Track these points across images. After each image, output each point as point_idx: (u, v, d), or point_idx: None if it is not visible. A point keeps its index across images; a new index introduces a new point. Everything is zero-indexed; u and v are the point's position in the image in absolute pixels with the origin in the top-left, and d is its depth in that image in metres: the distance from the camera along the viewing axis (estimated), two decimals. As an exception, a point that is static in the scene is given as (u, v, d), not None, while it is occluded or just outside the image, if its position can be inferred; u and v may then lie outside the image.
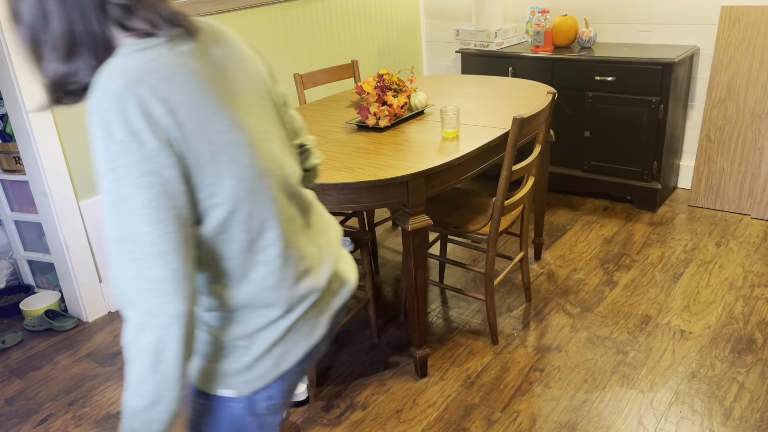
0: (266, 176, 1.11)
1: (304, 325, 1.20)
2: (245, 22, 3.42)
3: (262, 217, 1.11)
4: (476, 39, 3.97)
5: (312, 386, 2.46)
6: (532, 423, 2.18)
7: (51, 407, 2.47)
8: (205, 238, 1.08)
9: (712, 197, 3.64)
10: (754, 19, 3.37)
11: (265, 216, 1.11)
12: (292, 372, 1.21)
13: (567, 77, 3.67)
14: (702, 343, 2.51)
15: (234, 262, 1.11)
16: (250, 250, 1.11)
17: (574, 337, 2.61)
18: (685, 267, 3.05)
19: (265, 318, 1.15)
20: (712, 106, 3.55)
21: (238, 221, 1.08)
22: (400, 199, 2.14)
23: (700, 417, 2.14)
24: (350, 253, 2.38)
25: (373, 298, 2.65)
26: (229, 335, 1.15)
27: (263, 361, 1.16)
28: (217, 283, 1.13)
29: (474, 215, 2.60)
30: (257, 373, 1.16)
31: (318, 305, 1.23)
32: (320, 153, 1.88)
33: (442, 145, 2.33)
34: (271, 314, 1.15)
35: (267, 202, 1.11)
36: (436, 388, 2.39)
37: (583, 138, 3.74)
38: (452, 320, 2.80)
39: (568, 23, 3.73)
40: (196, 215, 1.04)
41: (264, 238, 1.12)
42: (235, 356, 1.15)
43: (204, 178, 1.03)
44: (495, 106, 2.78)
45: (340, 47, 4.04)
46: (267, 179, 1.11)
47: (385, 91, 2.60)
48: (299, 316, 1.19)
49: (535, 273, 3.12)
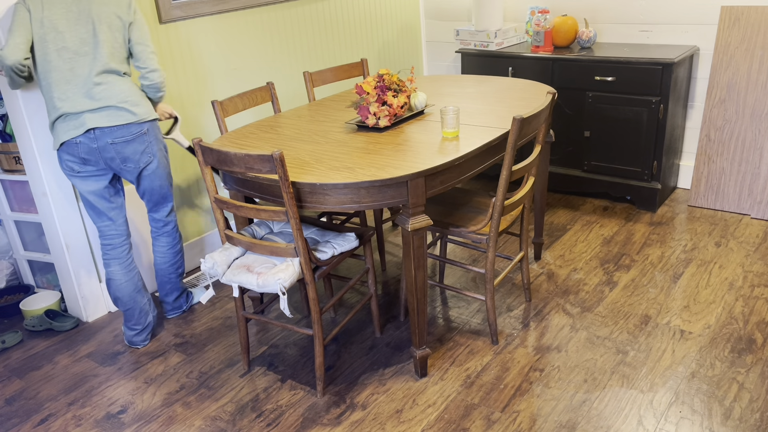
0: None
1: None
2: (245, 22, 3.42)
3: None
4: (476, 39, 3.97)
5: (320, 381, 2.47)
6: (532, 423, 2.19)
7: (51, 407, 2.47)
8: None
9: (712, 197, 3.64)
10: (754, 19, 3.38)
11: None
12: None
13: (567, 77, 3.67)
14: (702, 343, 2.51)
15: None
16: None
17: (574, 337, 2.61)
18: (685, 267, 3.06)
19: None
20: (712, 106, 3.55)
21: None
22: (400, 199, 2.14)
23: (700, 417, 2.15)
24: (354, 248, 2.39)
25: (376, 294, 2.65)
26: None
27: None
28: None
29: (474, 215, 2.60)
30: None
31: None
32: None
33: (442, 145, 2.34)
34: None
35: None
36: (436, 388, 2.39)
37: (583, 138, 3.74)
38: (452, 320, 2.80)
39: (568, 23, 3.73)
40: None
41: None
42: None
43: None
44: (495, 106, 2.78)
45: (340, 47, 4.04)
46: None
47: (385, 91, 2.60)
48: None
49: (535, 273, 3.12)
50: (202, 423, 2.32)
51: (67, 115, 2.41)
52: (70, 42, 2.38)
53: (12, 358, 2.80)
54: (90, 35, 2.40)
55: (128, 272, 2.70)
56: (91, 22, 2.40)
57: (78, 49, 2.39)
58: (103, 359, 2.74)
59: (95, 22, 2.40)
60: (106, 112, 2.42)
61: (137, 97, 2.51)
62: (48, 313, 2.98)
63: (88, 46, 2.40)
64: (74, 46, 2.38)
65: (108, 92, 2.43)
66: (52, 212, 2.83)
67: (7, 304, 3.12)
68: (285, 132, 2.66)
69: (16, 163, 3.02)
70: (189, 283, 3.28)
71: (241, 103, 2.88)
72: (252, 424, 2.29)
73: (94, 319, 3.06)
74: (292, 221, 2.11)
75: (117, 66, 2.46)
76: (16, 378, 2.66)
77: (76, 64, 2.39)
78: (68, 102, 2.39)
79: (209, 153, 2.19)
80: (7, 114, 2.82)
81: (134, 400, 2.47)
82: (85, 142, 2.43)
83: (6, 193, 3.16)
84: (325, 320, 2.89)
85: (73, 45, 2.38)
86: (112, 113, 2.43)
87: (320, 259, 2.28)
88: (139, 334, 2.77)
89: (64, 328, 2.96)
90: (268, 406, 2.37)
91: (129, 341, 2.79)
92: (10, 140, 3.05)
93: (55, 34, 2.36)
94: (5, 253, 3.37)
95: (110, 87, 2.44)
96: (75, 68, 2.39)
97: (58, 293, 3.15)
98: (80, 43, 2.39)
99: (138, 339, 2.78)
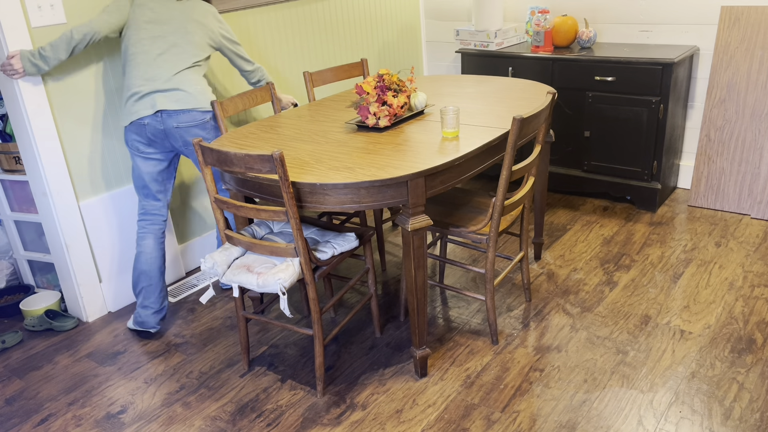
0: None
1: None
2: (244, 22, 3.42)
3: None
4: (476, 39, 3.97)
5: (320, 381, 2.47)
6: (532, 423, 2.19)
7: (51, 407, 2.47)
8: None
9: (712, 197, 3.65)
10: (754, 19, 3.38)
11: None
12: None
13: (567, 77, 3.67)
14: (702, 343, 2.51)
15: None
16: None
17: (574, 337, 2.61)
18: (685, 267, 3.06)
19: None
20: (712, 106, 3.55)
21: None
22: (400, 199, 2.14)
23: (700, 417, 2.15)
24: (354, 248, 2.39)
25: (376, 294, 2.65)
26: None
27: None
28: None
29: (474, 215, 2.60)
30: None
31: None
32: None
33: (442, 145, 2.34)
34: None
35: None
36: (436, 388, 2.39)
37: (583, 138, 3.74)
38: (452, 320, 2.80)
39: (568, 23, 3.73)
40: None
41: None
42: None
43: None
44: (495, 106, 2.78)
45: (340, 47, 4.04)
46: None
47: (385, 91, 2.60)
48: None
49: (535, 273, 3.12)
50: (202, 423, 2.32)
51: (141, 95, 2.63)
52: (167, 33, 2.65)
53: (12, 358, 2.80)
54: (184, 33, 2.67)
55: (159, 249, 2.82)
56: (192, 20, 2.69)
57: (172, 41, 2.65)
58: (103, 359, 2.74)
59: (194, 22, 2.70)
60: (176, 97, 2.63)
61: (204, 87, 2.72)
62: (48, 313, 2.98)
63: (180, 42, 2.66)
64: (169, 38, 2.65)
65: (181, 80, 2.65)
66: (52, 212, 2.83)
67: (7, 304, 3.12)
68: (285, 132, 2.66)
69: (16, 163, 3.02)
70: (189, 283, 3.28)
71: (241, 103, 2.88)
72: (252, 424, 2.29)
73: (94, 319, 3.06)
74: (292, 221, 2.11)
75: (194, 59, 2.70)
76: (16, 378, 2.66)
77: (165, 54, 2.64)
78: (147, 83, 2.62)
79: (209, 153, 2.19)
80: (7, 114, 2.82)
81: (134, 400, 2.47)
82: (153, 124, 2.64)
83: (6, 193, 3.16)
84: (325, 320, 2.90)
85: (168, 37, 2.65)
86: (180, 97, 2.63)
87: (320, 259, 2.28)
88: (155, 314, 2.82)
89: (64, 328, 2.96)
90: (268, 406, 2.37)
91: (140, 322, 2.82)
92: (10, 140, 3.05)
93: (154, 24, 2.64)
94: (5, 253, 3.37)
95: (184, 76, 2.66)
96: (162, 56, 2.63)
97: (58, 293, 3.15)
98: (174, 38, 2.65)
99: (152, 320, 2.82)
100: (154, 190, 2.80)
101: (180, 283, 3.31)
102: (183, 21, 2.69)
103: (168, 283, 3.30)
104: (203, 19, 2.74)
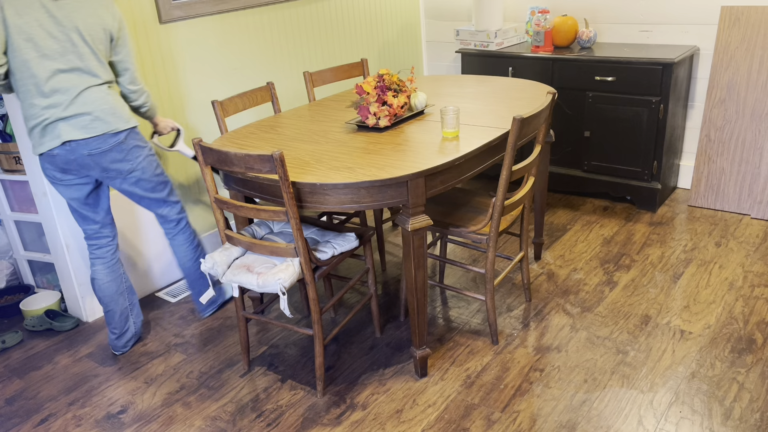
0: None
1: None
2: (245, 22, 3.42)
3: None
4: (476, 39, 3.97)
5: (320, 381, 2.47)
6: (532, 423, 2.19)
7: (51, 407, 2.47)
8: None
9: (712, 197, 3.65)
10: (754, 19, 3.38)
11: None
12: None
13: (567, 77, 3.67)
14: (702, 343, 2.51)
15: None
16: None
17: (574, 337, 2.61)
18: (685, 267, 3.05)
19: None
20: (712, 106, 3.55)
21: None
22: (400, 199, 2.14)
23: (700, 417, 2.15)
24: (354, 248, 2.39)
25: (376, 294, 2.65)
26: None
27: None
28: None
29: (474, 215, 2.60)
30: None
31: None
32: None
33: (442, 145, 2.34)
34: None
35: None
36: (436, 388, 2.39)
37: (583, 138, 3.74)
38: (452, 320, 2.80)
39: (568, 23, 3.73)
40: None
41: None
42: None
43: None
44: (495, 106, 2.78)
45: (340, 47, 4.04)
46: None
47: (385, 91, 2.60)
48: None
49: (535, 273, 3.12)
50: (202, 423, 2.32)
51: (44, 126, 2.35)
52: (51, 50, 2.29)
53: (12, 358, 2.80)
54: (71, 44, 2.32)
55: (112, 272, 2.67)
56: (75, 30, 2.32)
57: (59, 57, 2.31)
58: (103, 359, 2.74)
59: (80, 31, 2.33)
60: (81, 123, 2.35)
61: (113, 105, 2.43)
62: (48, 313, 2.98)
63: (69, 54, 2.32)
64: (55, 54, 2.30)
65: (84, 102, 2.36)
66: (52, 212, 2.83)
67: (7, 304, 3.12)
68: (285, 132, 2.66)
69: (16, 163, 3.02)
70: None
71: (241, 103, 2.88)
72: (252, 424, 2.29)
73: (94, 319, 3.06)
74: (292, 221, 2.11)
75: (96, 74, 2.39)
76: (16, 378, 2.66)
77: (56, 73, 2.31)
78: (46, 111, 2.33)
79: (209, 153, 2.19)
80: (7, 114, 2.82)
81: (134, 400, 2.47)
82: (62, 154, 2.39)
83: (6, 193, 3.16)
84: (325, 320, 2.89)
85: (54, 53, 2.30)
86: (87, 124, 2.36)
87: (320, 259, 2.28)
88: (119, 339, 2.73)
89: (64, 328, 2.96)
90: (268, 406, 2.37)
91: (110, 345, 2.78)
92: (10, 140, 3.05)
93: (34, 42, 2.27)
94: (5, 253, 3.37)
95: (87, 96, 2.37)
96: (54, 77, 2.31)
97: (58, 293, 3.15)
98: (62, 52, 2.31)
99: (117, 344, 2.74)
100: (88, 213, 2.59)
101: (180, 283, 3.32)
102: (68, 30, 2.31)
103: (168, 283, 3.31)
104: (91, 18, 2.36)
